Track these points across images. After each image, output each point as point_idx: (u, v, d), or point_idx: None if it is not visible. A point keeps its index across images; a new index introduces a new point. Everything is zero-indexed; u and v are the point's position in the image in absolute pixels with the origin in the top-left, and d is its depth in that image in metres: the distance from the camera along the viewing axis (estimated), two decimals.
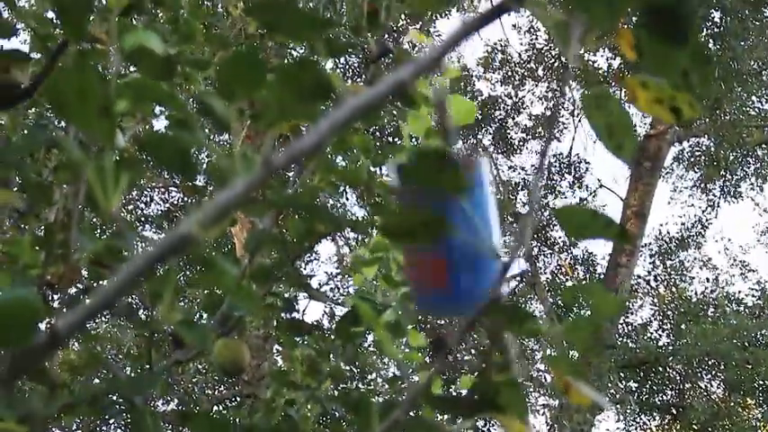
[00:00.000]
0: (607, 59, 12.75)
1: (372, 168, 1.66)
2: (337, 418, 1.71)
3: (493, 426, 10.49)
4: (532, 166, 13.43)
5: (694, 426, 11.16)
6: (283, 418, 1.65)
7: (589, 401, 0.64)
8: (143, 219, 11.65)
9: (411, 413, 0.68)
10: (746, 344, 10.90)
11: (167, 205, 11.95)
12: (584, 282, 12.32)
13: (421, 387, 0.61)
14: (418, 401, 0.63)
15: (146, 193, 11.63)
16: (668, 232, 13.80)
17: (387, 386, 1.93)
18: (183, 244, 0.59)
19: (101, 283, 1.25)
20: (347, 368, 1.78)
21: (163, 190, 11.82)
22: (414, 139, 1.65)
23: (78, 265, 1.16)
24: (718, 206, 13.46)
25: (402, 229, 0.60)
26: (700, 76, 0.63)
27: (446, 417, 0.70)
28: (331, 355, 1.72)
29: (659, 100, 0.61)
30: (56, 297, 1.36)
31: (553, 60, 13.49)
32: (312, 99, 0.67)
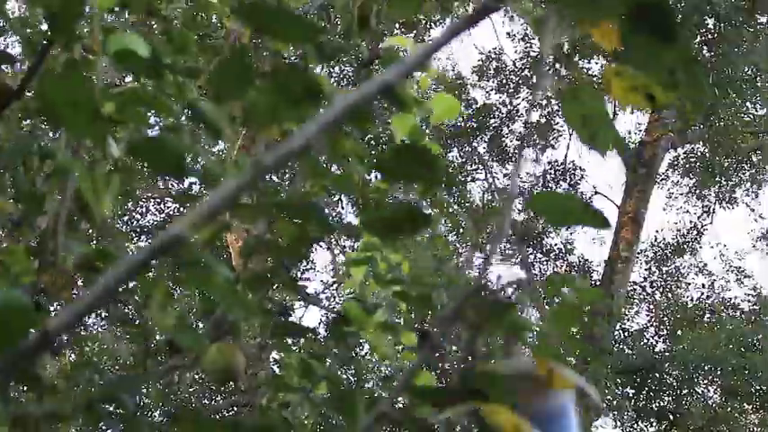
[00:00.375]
0: (602, 66, 12.76)
1: (366, 177, 1.67)
2: (335, 425, 1.72)
3: None
4: (527, 173, 13.44)
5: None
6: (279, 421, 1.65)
7: (572, 385, 0.64)
8: (138, 229, 11.63)
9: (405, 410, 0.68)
10: (743, 349, 10.89)
11: (163, 216, 11.94)
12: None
13: (405, 378, 0.62)
14: (403, 392, 0.63)
15: (141, 203, 11.61)
16: (664, 238, 13.80)
17: (382, 389, 1.94)
18: (174, 244, 0.59)
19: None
20: (344, 377, 1.78)
21: (158, 200, 11.81)
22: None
23: (69, 270, 1.16)
24: (714, 212, 13.48)
25: (386, 224, 0.60)
26: (687, 74, 0.63)
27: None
28: (327, 360, 1.72)
29: (634, 87, 0.61)
30: (51, 305, 1.36)
31: (548, 68, 13.50)
32: (302, 103, 0.68)
